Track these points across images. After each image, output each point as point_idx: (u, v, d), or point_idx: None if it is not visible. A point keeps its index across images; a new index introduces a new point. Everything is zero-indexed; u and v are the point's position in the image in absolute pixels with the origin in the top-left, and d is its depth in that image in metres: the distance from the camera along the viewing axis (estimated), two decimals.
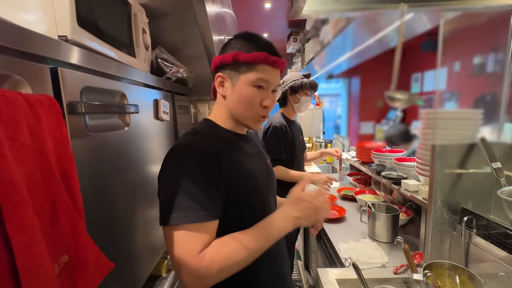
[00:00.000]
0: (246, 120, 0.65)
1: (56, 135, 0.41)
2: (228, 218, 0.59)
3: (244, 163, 0.66)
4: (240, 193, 0.62)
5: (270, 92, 0.65)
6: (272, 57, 0.62)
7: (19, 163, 0.33)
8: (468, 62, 1.19)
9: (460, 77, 1.27)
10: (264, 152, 0.81)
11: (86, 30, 0.58)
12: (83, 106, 0.50)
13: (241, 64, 0.62)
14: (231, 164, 0.61)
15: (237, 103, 0.64)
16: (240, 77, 0.62)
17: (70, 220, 0.40)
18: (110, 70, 0.66)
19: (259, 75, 0.61)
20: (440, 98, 1.30)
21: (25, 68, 0.40)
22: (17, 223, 0.31)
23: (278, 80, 0.66)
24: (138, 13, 0.89)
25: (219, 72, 0.65)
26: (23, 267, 0.32)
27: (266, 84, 0.63)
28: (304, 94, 1.56)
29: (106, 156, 0.62)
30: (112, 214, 0.63)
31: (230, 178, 0.59)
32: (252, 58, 0.60)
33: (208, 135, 0.63)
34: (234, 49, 0.63)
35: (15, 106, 0.33)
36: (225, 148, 0.62)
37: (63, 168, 0.41)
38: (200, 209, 0.53)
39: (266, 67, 0.62)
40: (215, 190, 0.57)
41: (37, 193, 0.35)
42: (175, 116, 1.18)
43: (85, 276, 0.42)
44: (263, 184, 0.69)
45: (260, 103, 0.63)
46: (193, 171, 0.55)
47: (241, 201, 0.62)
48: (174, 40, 1.28)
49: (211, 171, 0.57)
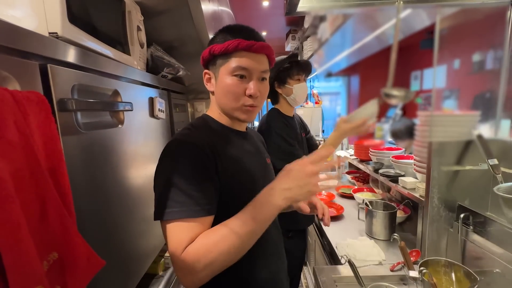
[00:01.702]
0: (234, 112, 0.63)
1: (45, 132, 0.40)
2: (223, 215, 0.56)
3: (241, 160, 0.64)
4: (236, 190, 0.60)
5: (255, 80, 0.61)
6: (246, 41, 0.58)
7: (5, 160, 0.32)
8: (467, 59, 1.19)
9: (460, 75, 1.27)
10: (264, 150, 0.79)
11: (78, 27, 0.58)
12: (74, 103, 0.50)
13: (218, 57, 0.61)
14: (227, 160, 0.60)
15: (222, 96, 0.62)
16: (220, 70, 0.61)
17: (59, 218, 0.40)
18: (103, 67, 0.66)
19: (236, 63, 0.59)
20: (439, 95, 1.30)
21: (13, 65, 0.40)
22: (3, 219, 0.31)
23: (263, 66, 0.62)
24: (133, 11, 0.89)
25: (205, 69, 0.65)
26: (10, 264, 0.31)
27: (246, 71, 0.60)
28: (295, 81, 1.23)
29: (100, 153, 0.62)
30: (106, 212, 0.63)
31: (226, 174, 0.58)
32: (225, 47, 0.58)
33: (204, 130, 0.63)
34: (212, 43, 0.62)
35: (1, 102, 0.33)
36: (221, 144, 0.61)
37: (53, 165, 0.41)
38: (195, 204, 0.52)
39: (243, 53, 0.59)
40: (210, 185, 0.56)
41: (25, 190, 0.35)
42: (171, 114, 1.18)
43: (75, 274, 0.42)
44: (261, 183, 0.64)
45: (244, 92, 0.61)
46: (188, 166, 0.54)
47: (236, 199, 0.59)
48: (170, 38, 1.27)
49: (206, 166, 0.56)
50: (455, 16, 1.02)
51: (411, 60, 2.89)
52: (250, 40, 0.59)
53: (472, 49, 1.13)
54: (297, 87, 1.22)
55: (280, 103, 1.28)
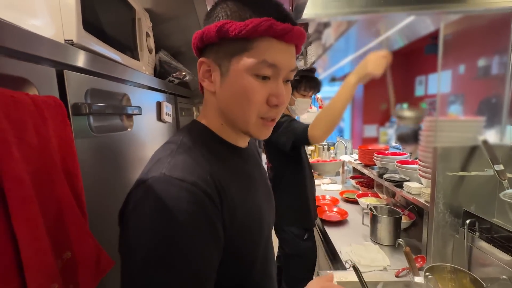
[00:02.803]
0: (246, 126, 0.44)
1: (61, 135, 0.42)
2: (224, 268, 0.40)
3: (249, 194, 0.46)
4: (244, 237, 0.43)
5: (281, 83, 0.42)
6: (281, 24, 0.38)
7: (26, 161, 0.34)
8: (472, 65, 1.19)
9: (465, 80, 1.27)
10: (264, 167, 0.63)
11: (91, 34, 0.60)
12: (87, 107, 0.52)
13: (231, 41, 0.39)
14: (235, 200, 0.41)
15: (233, 101, 0.42)
16: (232, 62, 0.40)
17: (73, 218, 0.41)
18: (114, 73, 0.68)
19: (261, 57, 0.39)
20: (445, 100, 1.30)
21: (33, 71, 0.42)
22: (22, 218, 0.32)
23: (293, 62, 0.43)
24: (142, 18, 0.92)
25: (203, 56, 0.43)
26: (28, 261, 0.33)
27: (274, 70, 0.40)
28: (300, 96, 1.24)
29: (110, 156, 0.64)
30: (115, 213, 0.65)
31: (233, 220, 0.40)
32: (248, 29, 0.37)
33: (204, 155, 0.42)
34: (221, 17, 0.40)
35: (22, 106, 0.35)
36: (226, 174, 0.42)
37: (67, 167, 0.42)
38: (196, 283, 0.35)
39: (272, 42, 0.39)
40: (215, 243, 0.38)
41: (42, 191, 0.37)
42: (177, 118, 1.20)
43: (87, 273, 0.43)
44: (268, 222, 0.51)
45: (266, 101, 0.42)
46: (188, 220, 0.34)
47: (243, 247, 0.44)
48: (177, 44, 1.30)
49: (213, 221, 0.37)
50: (459, 21, 1.03)
51: (415, 65, 2.89)
52: (286, 22, 0.39)
53: (477, 54, 1.13)
54: (300, 101, 1.24)
55: None
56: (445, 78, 1.30)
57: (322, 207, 1.64)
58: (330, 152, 2.89)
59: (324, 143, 3.07)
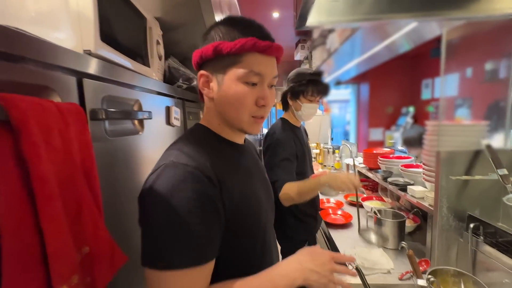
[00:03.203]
0: (241, 124, 0.54)
1: (81, 138, 0.46)
2: (225, 247, 0.49)
3: (246, 181, 0.56)
4: (242, 220, 0.52)
5: (266, 87, 0.53)
6: (263, 42, 0.49)
7: (51, 162, 0.37)
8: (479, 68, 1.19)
9: (470, 84, 1.27)
10: (261, 163, 0.73)
11: (107, 44, 0.64)
12: (104, 112, 0.55)
13: (225, 57, 0.50)
14: (233, 184, 0.51)
15: (228, 105, 0.52)
16: (227, 73, 0.50)
17: (91, 215, 0.44)
18: (127, 79, 0.72)
19: (249, 68, 0.49)
20: (451, 104, 1.29)
21: (56, 80, 0.46)
22: (48, 214, 0.36)
23: (274, 71, 0.54)
24: (153, 27, 0.96)
25: (202, 70, 0.53)
26: (52, 253, 0.36)
27: (259, 78, 0.51)
28: (307, 101, 1.22)
29: (122, 158, 0.67)
30: (127, 213, 0.68)
31: (231, 203, 0.49)
32: (237, 47, 0.48)
33: (204, 148, 0.51)
34: (215, 38, 0.51)
35: (49, 113, 0.39)
36: (225, 164, 0.52)
37: (86, 168, 0.46)
38: (199, 250, 0.44)
39: (256, 56, 0.50)
40: (216, 220, 0.47)
41: (65, 190, 0.40)
42: (185, 121, 1.24)
43: (102, 267, 0.46)
44: (266, 209, 0.60)
45: (255, 102, 0.52)
46: (192, 197, 0.44)
47: (241, 228, 0.52)
48: (185, 50, 1.35)
49: (212, 199, 0.46)
50: (465, 25, 1.04)
51: (422, 68, 2.87)
52: (265, 40, 0.50)
53: (484, 58, 1.13)
54: (307, 107, 1.22)
55: (289, 112, 1.31)
56: (450, 82, 1.30)
57: (327, 210, 1.65)
58: (335, 156, 2.89)
59: (329, 146, 3.07)
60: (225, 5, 1.74)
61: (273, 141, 1.19)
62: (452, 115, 1.24)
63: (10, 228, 0.33)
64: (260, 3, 2.19)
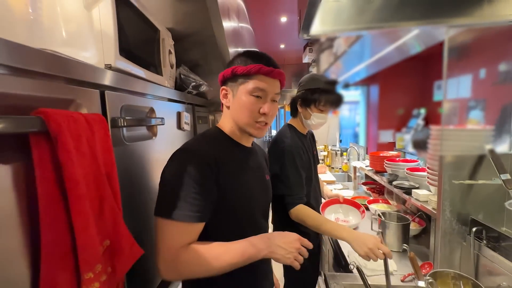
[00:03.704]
0: (247, 127, 0.70)
1: (103, 145, 0.52)
2: (214, 225, 0.64)
3: (242, 174, 0.70)
4: (232, 203, 0.67)
5: (269, 101, 0.69)
6: (266, 67, 0.67)
7: (81, 166, 0.44)
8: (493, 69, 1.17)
9: (485, 85, 1.25)
10: (265, 166, 0.85)
11: (124, 57, 0.71)
12: (122, 121, 0.62)
13: (239, 76, 0.68)
14: (228, 173, 0.66)
15: (238, 111, 0.69)
16: (240, 88, 0.68)
17: (112, 212, 0.50)
18: (142, 89, 0.78)
19: (255, 85, 0.67)
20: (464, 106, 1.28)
21: (83, 93, 0.52)
22: (78, 211, 0.42)
23: (277, 89, 0.71)
24: (166, 37, 1.03)
25: (223, 86, 0.72)
26: (81, 245, 0.42)
27: (263, 93, 0.68)
28: (318, 111, 1.16)
29: (137, 161, 0.74)
30: (143, 209, 0.74)
31: (225, 187, 0.64)
32: (247, 70, 0.66)
33: (212, 142, 0.69)
34: (234, 64, 0.70)
35: (79, 123, 0.45)
36: (225, 156, 0.67)
37: (108, 171, 0.52)
38: (190, 210, 0.59)
39: (262, 77, 0.67)
40: (208, 194, 0.62)
41: (91, 190, 0.46)
42: (195, 126, 1.30)
43: (121, 259, 0.52)
44: (257, 199, 0.74)
45: (258, 110, 0.68)
46: (191, 172, 0.60)
47: (231, 211, 0.67)
48: (195, 57, 1.41)
49: (207, 176, 0.61)
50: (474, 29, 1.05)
51: (434, 69, 2.83)
52: (270, 66, 0.68)
53: (498, 59, 1.12)
54: (317, 116, 1.17)
55: (297, 119, 1.27)
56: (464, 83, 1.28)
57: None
58: (343, 158, 2.90)
59: (337, 149, 3.07)
60: (233, 12, 1.80)
61: (282, 151, 1.15)
62: (464, 117, 1.24)
63: (48, 222, 0.39)
64: (268, 8, 2.24)
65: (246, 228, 0.70)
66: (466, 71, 1.23)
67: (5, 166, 0.37)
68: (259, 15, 2.35)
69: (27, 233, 0.39)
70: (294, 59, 3.88)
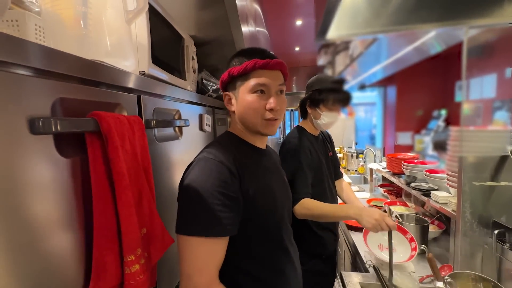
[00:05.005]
0: (257, 127, 0.66)
1: (141, 143, 0.58)
2: (242, 234, 0.60)
3: (263, 178, 0.67)
4: (257, 209, 0.63)
5: (273, 95, 0.65)
6: (262, 60, 0.62)
7: (125, 161, 0.50)
8: None
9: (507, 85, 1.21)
10: (281, 168, 0.83)
11: (156, 65, 0.78)
12: (155, 122, 0.68)
13: (236, 78, 0.65)
14: (250, 179, 0.62)
15: (244, 113, 0.66)
16: (240, 89, 0.65)
17: (148, 203, 0.56)
18: (169, 93, 0.85)
19: (255, 81, 0.63)
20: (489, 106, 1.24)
21: (124, 98, 0.59)
22: (123, 201, 0.48)
23: (279, 80, 0.66)
24: (189, 45, 1.10)
25: (224, 91, 0.70)
26: (125, 231, 0.48)
27: (265, 87, 0.64)
28: (327, 110, 1.17)
29: (166, 159, 0.80)
30: (170, 203, 0.80)
31: (249, 192, 0.61)
32: (243, 68, 0.63)
33: (230, 148, 0.65)
34: (230, 66, 0.67)
35: (123, 124, 0.51)
36: (246, 161, 0.64)
37: (145, 167, 0.58)
38: (218, 224, 0.55)
39: (260, 71, 0.63)
40: (235, 204, 0.58)
41: (132, 182, 0.52)
42: (215, 127, 1.36)
43: (156, 246, 0.58)
44: (281, 200, 0.70)
45: (264, 107, 0.64)
46: (216, 183, 0.56)
47: (257, 217, 0.63)
48: (215, 62, 1.48)
49: (232, 185, 0.58)
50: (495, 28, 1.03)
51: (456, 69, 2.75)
52: (265, 59, 0.63)
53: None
54: (326, 115, 1.17)
55: (307, 120, 1.27)
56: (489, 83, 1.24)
57: None
58: (359, 160, 2.87)
59: (353, 151, 3.05)
60: (251, 17, 1.86)
61: (288, 150, 1.17)
62: (489, 118, 1.21)
63: (99, 210, 0.46)
64: (284, 12, 2.28)
65: (275, 235, 0.67)
66: (489, 71, 1.20)
67: (66, 159, 0.44)
68: (275, 19, 2.40)
69: (83, 217, 0.46)
70: (309, 61, 3.89)
